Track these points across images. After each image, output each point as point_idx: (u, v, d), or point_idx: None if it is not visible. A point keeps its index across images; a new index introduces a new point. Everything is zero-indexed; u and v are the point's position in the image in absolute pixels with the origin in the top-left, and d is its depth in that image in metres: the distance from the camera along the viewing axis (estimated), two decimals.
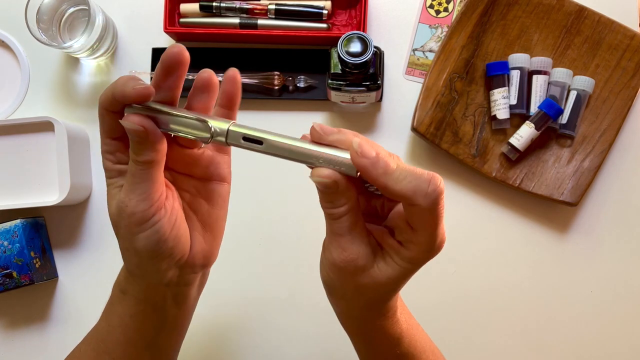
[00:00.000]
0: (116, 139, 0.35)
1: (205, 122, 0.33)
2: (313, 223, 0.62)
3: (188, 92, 0.61)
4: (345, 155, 0.32)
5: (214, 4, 0.61)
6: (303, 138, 0.34)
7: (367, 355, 0.43)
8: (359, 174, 0.33)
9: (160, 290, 0.38)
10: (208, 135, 0.33)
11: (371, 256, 0.35)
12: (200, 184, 0.39)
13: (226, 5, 0.61)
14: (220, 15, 0.62)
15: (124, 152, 0.35)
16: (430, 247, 0.33)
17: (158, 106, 0.34)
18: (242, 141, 0.34)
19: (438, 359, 0.45)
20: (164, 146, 0.34)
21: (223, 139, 0.33)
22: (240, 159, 0.63)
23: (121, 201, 0.34)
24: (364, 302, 0.38)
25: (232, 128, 0.34)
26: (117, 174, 0.35)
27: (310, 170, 0.34)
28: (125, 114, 0.33)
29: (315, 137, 0.34)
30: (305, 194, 0.62)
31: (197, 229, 0.39)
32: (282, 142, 0.34)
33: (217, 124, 0.33)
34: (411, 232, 0.33)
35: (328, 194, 0.35)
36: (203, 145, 0.37)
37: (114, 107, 0.34)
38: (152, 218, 0.34)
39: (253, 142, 0.34)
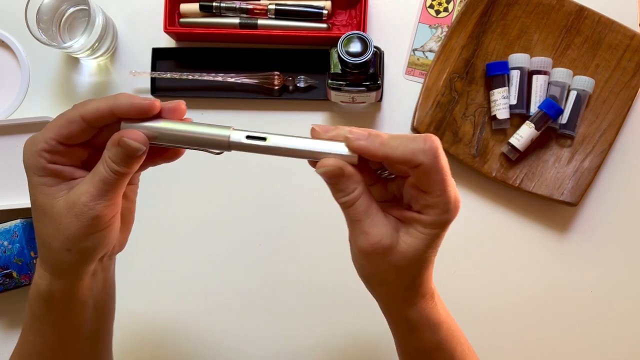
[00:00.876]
0: (67, 145, 0.35)
1: (227, 136, 0.34)
2: (313, 223, 0.62)
3: (189, 91, 0.61)
4: (343, 147, 0.35)
5: (214, 4, 0.61)
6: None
7: (410, 343, 0.43)
8: (357, 158, 0.35)
9: (87, 282, 0.39)
10: (220, 150, 0.35)
11: (395, 233, 0.36)
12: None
13: (226, 5, 0.61)
14: (220, 15, 0.62)
15: (63, 155, 0.35)
16: (446, 206, 0.35)
17: (166, 124, 0.34)
18: (246, 139, 0.34)
19: (472, 353, 0.45)
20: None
21: (232, 144, 0.34)
22: (240, 160, 0.63)
23: (84, 204, 0.35)
24: (402, 282, 0.39)
25: (233, 136, 0.34)
26: (50, 174, 0.35)
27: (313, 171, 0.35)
28: (122, 128, 0.34)
29: (316, 137, 0.36)
30: (305, 195, 0.62)
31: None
32: (286, 139, 0.35)
33: (228, 132, 0.34)
34: (425, 196, 0.35)
35: (337, 182, 0.36)
36: (215, 153, 0.37)
37: (103, 122, 0.35)
38: (110, 220, 0.36)
39: (258, 140, 0.34)
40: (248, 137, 0.34)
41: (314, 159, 0.35)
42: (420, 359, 0.43)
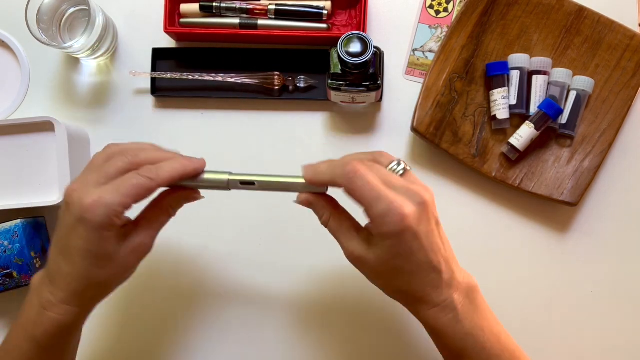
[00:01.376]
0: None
1: (226, 182, 0.47)
2: (313, 223, 0.62)
3: (189, 92, 0.61)
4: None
5: (214, 4, 0.61)
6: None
7: (435, 342, 0.47)
8: (325, 189, 0.45)
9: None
10: (226, 185, 0.47)
11: (364, 245, 0.43)
12: None
13: (226, 5, 0.61)
14: (220, 16, 0.62)
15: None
16: (380, 219, 0.40)
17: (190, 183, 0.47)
18: (240, 185, 0.46)
19: None
20: None
21: (233, 184, 0.47)
22: (241, 160, 0.63)
23: (148, 246, 0.46)
24: (389, 288, 0.45)
25: (232, 178, 0.47)
26: (119, 229, 0.43)
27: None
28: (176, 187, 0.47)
29: (306, 175, 0.45)
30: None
31: None
32: (270, 181, 0.46)
33: (225, 177, 0.47)
34: (365, 211, 0.41)
35: (314, 209, 0.46)
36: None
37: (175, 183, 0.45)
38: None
39: (248, 184, 0.46)
40: (241, 182, 0.46)
41: (293, 191, 0.46)
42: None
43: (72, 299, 0.43)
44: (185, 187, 0.46)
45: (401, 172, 0.44)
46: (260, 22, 0.62)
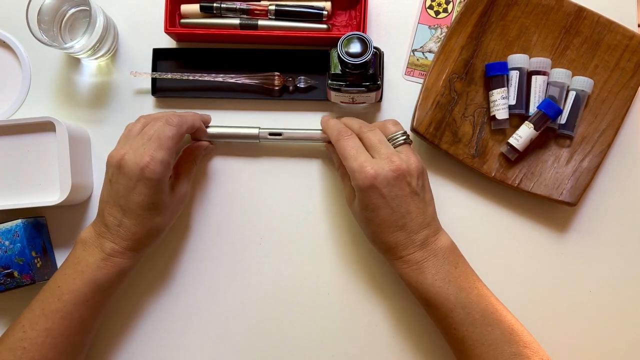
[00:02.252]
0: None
1: (257, 133, 0.61)
2: (314, 223, 0.62)
3: (189, 92, 0.61)
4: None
5: (215, 4, 0.62)
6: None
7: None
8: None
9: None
10: (256, 136, 0.61)
11: (354, 194, 0.54)
12: None
13: (226, 6, 0.62)
14: (220, 16, 0.62)
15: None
16: (352, 174, 0.51)
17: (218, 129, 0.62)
18: (269, 136, 0.60)
19: (513, 340, 0.49)
20: None
21: (263, 135, 0.60)
22: (240, 160, 0.63)
23: (187, 191, 0.58)
24: (369, 235, 0.55)
25: (262, 130, 0.61)
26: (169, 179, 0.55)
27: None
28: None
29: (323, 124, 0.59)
30: (306, 195, 0.62)
31: None
32: (293, 131, 0.60)
33: (255, 131, 0.61)
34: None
35: (331, 155, 0.61)
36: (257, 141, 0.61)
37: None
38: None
39: (276, 135, 0.60)
40: (270, 133, 0.60)
41: (313, 141, 0.60)
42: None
43: (135, 246, 0.53)
44: (216, 137, 0.61)
45: (400, 142, 0.55)
46: (261, 22, 0.62)
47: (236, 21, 0.62)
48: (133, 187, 0.51)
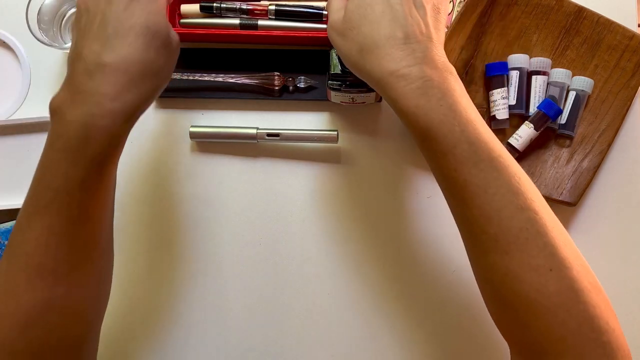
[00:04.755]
0: None
1: (254, 134, 0.61)
2: (313, 223, 0.63)
3: (189, 92, 0.61)
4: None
5: (215, 4, 0.62)
6: None
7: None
8: None
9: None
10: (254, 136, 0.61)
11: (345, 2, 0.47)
12: None
13: (226, 6, 0.62)
14: (220, 16, 0.62)
15: None
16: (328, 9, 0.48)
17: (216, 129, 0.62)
18: (266, 137, 0.60)
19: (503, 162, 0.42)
20: None
21: (260, 135, 0.61)
22: (241, 160, 0.63)
23: (178, 41, 0.47)
24: (355, 47, 0.46)
25: (259, 131, 0.61)
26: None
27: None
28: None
29: None
30: (306, 195, 0.63)
31: None
32: (290, 132, 0.60)
33: (253, 131, 0.61)
34: None
35: None
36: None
37: None
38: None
39: (274, 136, 0.60)
40: (268, 134, 0.60)
41: (310, 141, 0.61)
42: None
43: (124, 95, 0.40)
44: (215, 137, 0.61)
45: None
46: (261, 22, 0.62)
47: (236, 21, 0.62)
48: (125, 8, 0.41)
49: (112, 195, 0.46)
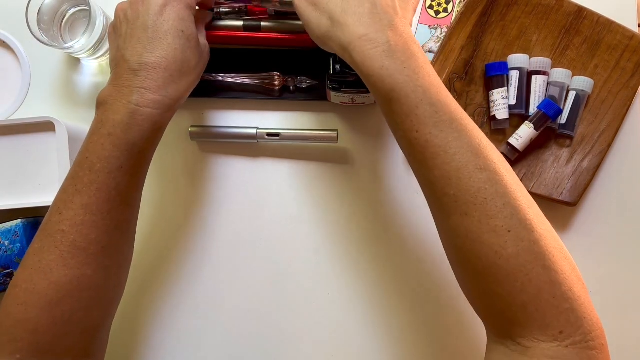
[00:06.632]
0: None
1: (254, 134, 0.61)
2: (313, 222, 0.63)
3: (194, 91, 0.61)
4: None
5: (214, 9, 0.61)
6: None
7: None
8: None
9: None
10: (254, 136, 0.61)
11: None
12: None
13: (225, 10, 0.61)
14: (220, 19, 0.62)
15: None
16: None
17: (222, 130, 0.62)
18: (266, 137, 0.61)
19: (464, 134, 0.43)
20: None
21: (260, 135, 0.61)
22: (241, 160, 0.63)
23: (207, 45, 0.55)
24: (330, 6, 0.48)
25: (259, 131, 0.61)
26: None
27: None
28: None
29: None
30: (306, 195, 0.63)
31: None
32: (290, 132, 0.60)
33: (253, 131, 0.61)
34: None
35: None
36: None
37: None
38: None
39: (274, 135, 0.60)
40: (268, 134, 0.61)
41: (310, 141, 0.61)
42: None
43: (166, 85, 0.47)
44: (215, 137, 0.61)
45: None
46: (263, 24, 0.62)
47: (239, 23, 0.62)
48: (159, 13, 0.48)
49: (142, 186, 0.50)
